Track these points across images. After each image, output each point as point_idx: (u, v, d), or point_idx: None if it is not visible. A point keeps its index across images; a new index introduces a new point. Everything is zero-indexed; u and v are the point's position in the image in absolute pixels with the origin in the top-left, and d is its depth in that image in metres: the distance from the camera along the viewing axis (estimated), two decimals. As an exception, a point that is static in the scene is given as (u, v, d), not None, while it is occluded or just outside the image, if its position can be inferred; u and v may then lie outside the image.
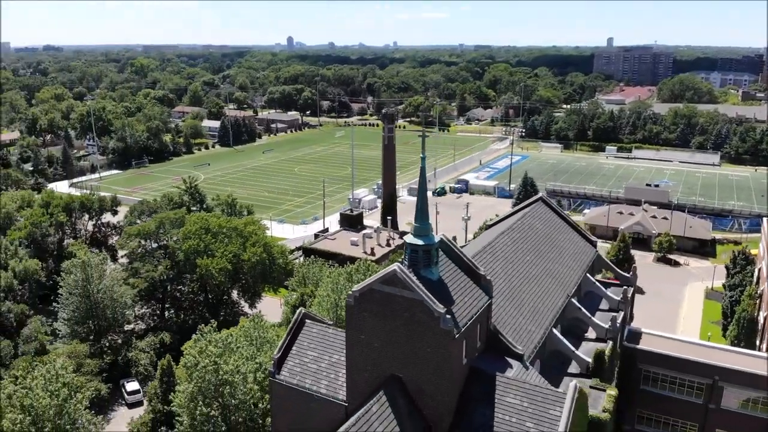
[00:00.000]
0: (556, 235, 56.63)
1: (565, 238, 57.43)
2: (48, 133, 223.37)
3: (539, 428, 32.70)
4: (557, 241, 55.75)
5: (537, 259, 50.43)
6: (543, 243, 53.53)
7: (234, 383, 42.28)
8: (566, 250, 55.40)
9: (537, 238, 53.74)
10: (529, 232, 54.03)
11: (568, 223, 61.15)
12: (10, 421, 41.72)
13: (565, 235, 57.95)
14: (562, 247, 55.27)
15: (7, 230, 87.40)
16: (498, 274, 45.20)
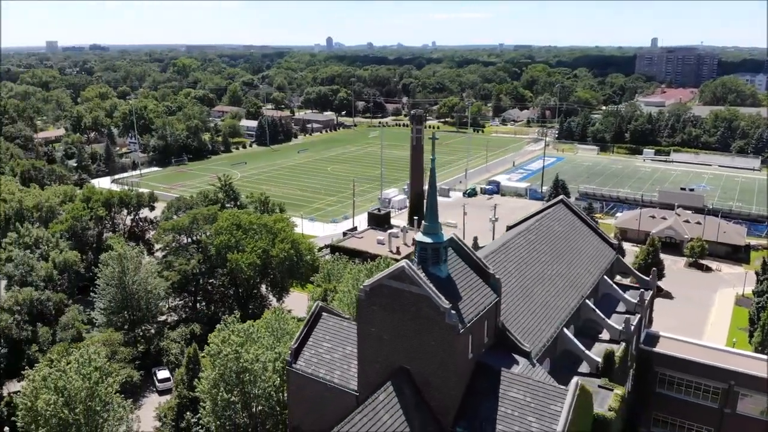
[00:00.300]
0: (574, 237, 57.20)
1: (584, 240, 57.95)
2: (92, 131, 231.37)
3: (540, 422, 33.81)
4: (575, 243, 56.34)
5: (552, 260, 51.21)
6: (559, 244, 54.24)
7: (254, 371, 44.45)
8: (584, 252, 55.97)
9: (554, 239, 54.47)
10: (546, 233, 54.80)
11: (588, 225, 61.58)
12: (44, 401, 44.68)
13: (584, 237, 58.46)
14: (580, 249, 55.86)
15: (50, 223, 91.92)
16: (511, 274, 46.29)
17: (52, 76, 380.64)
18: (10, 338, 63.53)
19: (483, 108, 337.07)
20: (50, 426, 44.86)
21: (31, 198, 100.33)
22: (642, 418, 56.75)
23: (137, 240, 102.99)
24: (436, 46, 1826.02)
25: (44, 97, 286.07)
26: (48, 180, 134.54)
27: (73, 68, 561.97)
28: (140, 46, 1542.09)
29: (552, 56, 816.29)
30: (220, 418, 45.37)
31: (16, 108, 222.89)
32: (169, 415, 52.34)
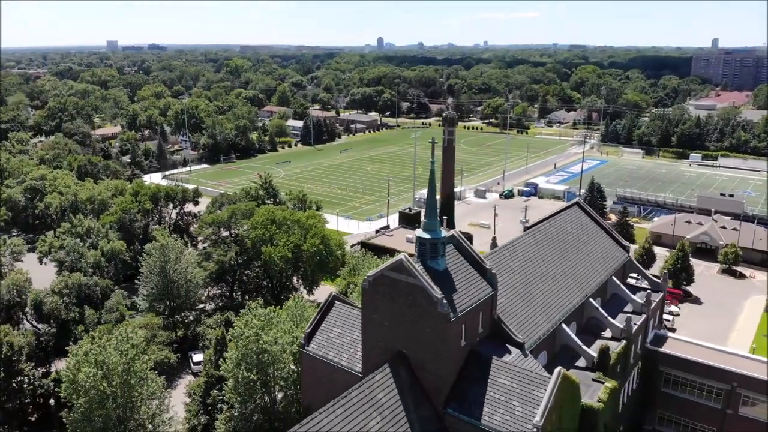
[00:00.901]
0: (585, 239, 59.17)
1: (594, 241, 59.84)
2: (146, 128, 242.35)
3: (524, 407, 36.59)
4: (584, 243, 58.33)
5: (558, 259, 53.49)
6: (569, 245, 56.39)
7: (273, 353, 48.50)
8: (593, 253, 57.92)
9: (563, 239, 56.65)
10: (556, 233, 57.03)
11: (602, 227, 63.33)
12: (85, 374, 49.77)
13: (595, 239, 60.33)
14: (589, 250, 57.83)
15: (101, 215, 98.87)
16: (514, 271, 48.96)
17: (111, 75, 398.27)
18: (59, 318, 69.77)
19: (528, 109, 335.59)
20: (89, 397, 49.96)
21: (85, 191, 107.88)
22: (647, 415, 58.40)
23: (181, 233, 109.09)
24: (488, 45, 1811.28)
25: (103, 96, 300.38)
26: (102, 175, 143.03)
27: (132, 67, 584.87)
28: (196, 45, 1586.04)
29: (606, 57, 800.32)
30: (242, 395, 49.66)
31: (76, 105, 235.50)
32: (197, 392, 57.11)
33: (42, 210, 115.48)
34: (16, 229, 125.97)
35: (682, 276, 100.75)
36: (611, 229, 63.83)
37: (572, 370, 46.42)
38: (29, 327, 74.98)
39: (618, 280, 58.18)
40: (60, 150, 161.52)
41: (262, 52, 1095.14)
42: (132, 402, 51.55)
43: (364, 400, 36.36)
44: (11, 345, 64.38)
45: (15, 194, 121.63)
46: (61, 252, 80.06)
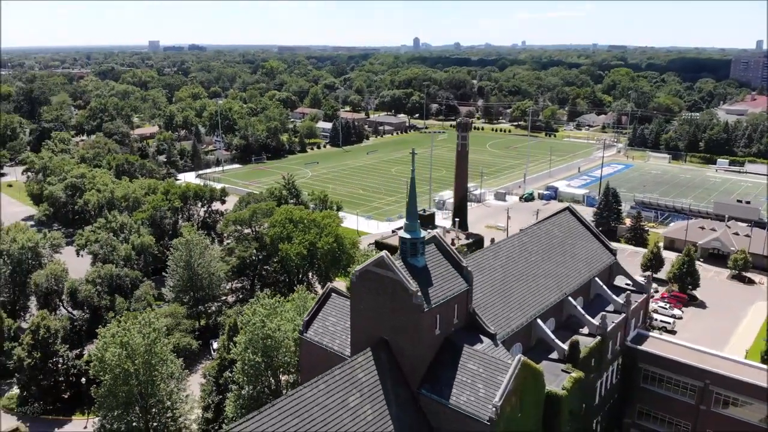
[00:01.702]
0: (572, 242, 63.17)
1: (581, 244, 63.78)
2: (182, 129, 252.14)
3: (487, 389, 41.22)
4: (570, 246, 62.34)
5: (540, 259, 57.75)
6: (553, 247, 60.52)
7: (276, 338, 54.09)
8: (578, 256, 61.91)
9: (548, 242, 60.80)
10: (543, 236, 61.22)
11: (591, 232, 67.16)
12: (111, 353, 56.14)
13: (582, 243, 64.26)
14: (574, 252, 61.84)
15: (134, 211, 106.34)
16: (495, 269, 53.53)
17: (150, 76, 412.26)
18: (91, 305, 76.86)
19: (558, 112, 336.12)
20: (115, 374, 56.35)
21: (121, 189, 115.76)
22: (628, 409, 62.14)
23: (209, 229, 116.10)
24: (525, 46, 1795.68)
25: (142, 96, 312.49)
26: (138, 174, 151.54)
27: (171, 68, 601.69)
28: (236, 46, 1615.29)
29: (645, 58, 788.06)
30: (249, 377, 55.37)
31: (116, 106, 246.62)
32: (211, 373, 63.13)
33: (81, 206, 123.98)
34: (57, 223, 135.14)
35: (687, 280, 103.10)
36: (599, 234, 67.56)
37: (545, 362, 50.89)
38: (65, 313, 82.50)
39: (601, 281, 61.96)
40: (100, 149, 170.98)
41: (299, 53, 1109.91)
42: (152, 380, 57.79)
43: (346, 378, 41.52)
44: (48, 328, 71.71)
45: (56, 191, 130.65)
46: (96, 245, 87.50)
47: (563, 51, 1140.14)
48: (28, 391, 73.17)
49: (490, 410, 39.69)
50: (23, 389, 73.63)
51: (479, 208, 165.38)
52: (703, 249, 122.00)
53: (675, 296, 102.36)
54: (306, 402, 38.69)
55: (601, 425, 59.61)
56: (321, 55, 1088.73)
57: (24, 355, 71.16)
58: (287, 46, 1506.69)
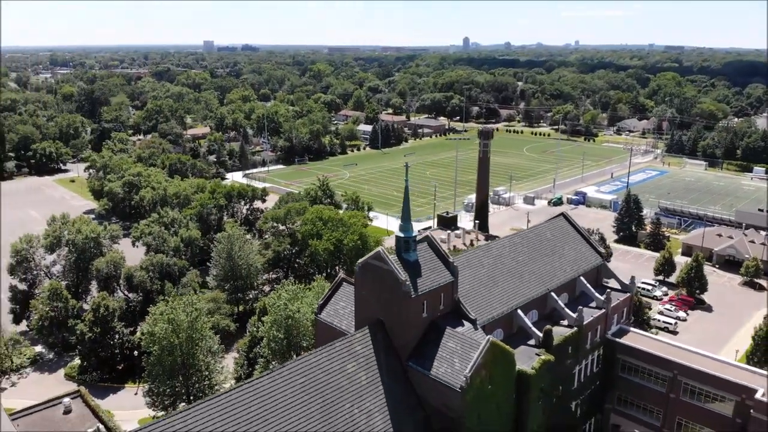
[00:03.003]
0: (562, 244, 70.61)
1: (570, 247, 71.13)
2: (232, 130, 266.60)
3: (461, 363, 49.60)
4: (560, 248, 69.83)
5: (528, 259, 65.55)
6: (542, 248, 68.17)
7: (296, 319, 63.77)
8: (566, 257, 69.37)
9: (538, 243, 68.48)
10: (534, 238, 68.96)
11: (583, 237, 74.33)
12: (159, 328, 66.78)
13: (572, 246, 71.59)
14: (562, 254, 69.31)
15: (184, 208, 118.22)
16: (484, 266, 61.76)
17: (204, 78, 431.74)
18: (144, 289, 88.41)
19: (598, 116, 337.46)
20: (162, 346, 66.99)
21: (173, 187, 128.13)
22: (608, 396, 69.22)
23: (250, 225, 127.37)
24: (578, 45, 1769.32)
25: (195, 98, 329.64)
26: (190, 173, 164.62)
27: (224, 69, 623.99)
28: (287, 46, 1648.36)
29: (701, 60, 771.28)
30: (273, 351, 65.21)
31: (171, 108, 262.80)
32: (242, 349, 73.37)
33: (137, 202, 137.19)
34: (115, 217, 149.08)
35: (695, 284, 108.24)
36: (590, 239, 74.62)
37: (522, 347, 58.88)
38: (121, 295, 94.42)
39: (586, 281, 69.21)
40: (155, 149, 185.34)
41: (348, 54, 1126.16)
42: (193, 352, 68.28)
43: (345, 349, 50.65)
44: (107, 308, 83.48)
45: (115, 187, 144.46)
46: (149, 237, 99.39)
47: (617, 52, 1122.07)
48: (88, 361, 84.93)
49: (462, 380, 48.12)
50: (84, 360, 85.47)
51: (507, 211, 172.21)
52: (719, 256, 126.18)
53: (682, 299, 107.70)
54: (311, 365, 48.01)
55: (582, 408, 66.91)
56: (369, 56, 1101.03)
57: (86, 330, 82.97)
58: (337, 47, 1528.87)
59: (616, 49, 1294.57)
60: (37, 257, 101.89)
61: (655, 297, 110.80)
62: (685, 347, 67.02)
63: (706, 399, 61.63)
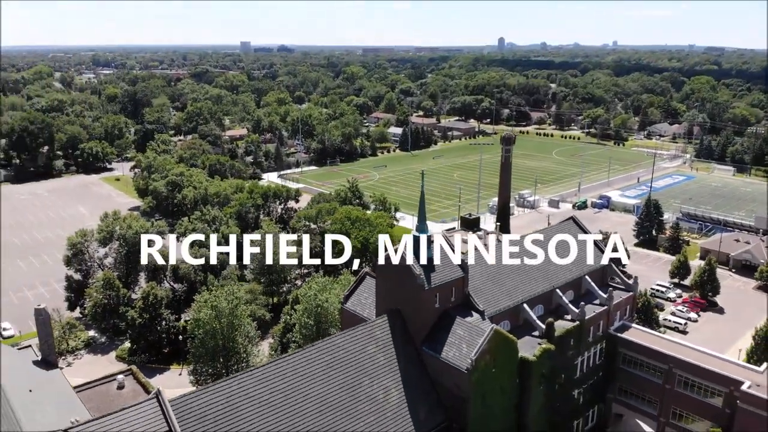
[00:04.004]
0: (570, 245, 76.47)
1: (579, 248, 76.93)
2: (267, 132, 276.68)
3: (468, 348, 56.31)
4: (567, 249, 75.75)
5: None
6: (550, 249, 74.21)
7: (325, 307, 71.22)
8: (572, 257, 75.26)
9: (547, 245, 74.51)
10: (542, 240, 75.02)
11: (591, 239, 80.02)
12: (204, 314, 74.97)
13: (580, 247, 77.35)
14: (570, 255, 75.21)
15: (224, 207, 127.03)
16: (494, 263, 68.20)
17: (241, 80, 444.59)
18: (189, 280, 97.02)
19: (629, 120, 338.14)
20: (205, 330, 75.11)
21: (213, 187, 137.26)
22: (610, 386, 74.88)
23: (284, 224, 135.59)
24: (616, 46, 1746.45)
25: (233, 100, 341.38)
26: (228, 173, 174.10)
27: (261, 70, 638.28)
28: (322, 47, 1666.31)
29: (741, 63, 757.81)
30: (304, 336, 72.77)
31: (210, 110, 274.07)
32: (276, 334, 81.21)
33: (179, 200, 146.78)
34: (158, 214, 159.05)
35: (707, 287, 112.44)
36: (597, 241, 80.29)
37: (527, 337, 65.14)
38: (167, 285, 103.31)
39: (591, 279, 75.02)
40: (195, 150, 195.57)
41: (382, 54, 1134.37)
42: (233, 336, 76.24)
43: (366, 333, 57.84)
44: (156, 296, 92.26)
45: (159, 186, 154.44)
46: (193, 233, 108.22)
47: (655, 53, 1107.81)
48: (137, 344, 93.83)
49: (468, 363, 54.81)
50: (133, 343, 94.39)
51: (531, 214, 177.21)
52: (735, 260, 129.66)
53: (694, 301, 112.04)
54: (337, 345, 55.36)
55: (585, 396, 72.76)
56: (403, 56, 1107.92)
57: (136, 316, 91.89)
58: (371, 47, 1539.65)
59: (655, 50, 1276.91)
60: (91, 250, 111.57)
61: (669, 299, 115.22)
62: (682, 343, 72.37)
63: (699, 390, 66.95)
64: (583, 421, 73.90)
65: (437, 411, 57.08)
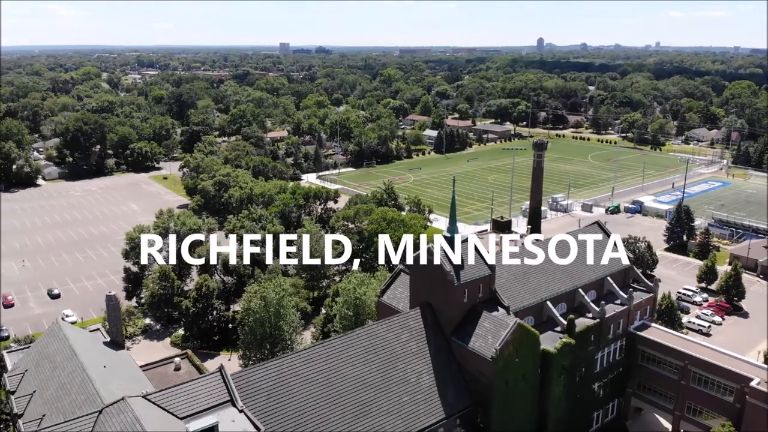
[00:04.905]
0: (595, 248, 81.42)
1: (601, 251, 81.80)
2: (307, 134, 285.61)
3: (494, 339, 62.13)
4: (592, 252, 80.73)
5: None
6: (574, 250, 79.33)
7: (363, 300, 77.89)
8: (597, 259, 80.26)
9: (572, 247, 79.63)
10: (567, 243, 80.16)
11: (614, 242, 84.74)
12: (254, 303, 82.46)
13: (602, 249, 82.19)
14: (595, 257, 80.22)
15: (269, 206, 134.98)
16: (519, 263, 73.81)
17: (281, 83, 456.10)
18: (238, 273, 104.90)
19: (667, 125, 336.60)
20: (255, 318, 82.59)
21: (258, 187, 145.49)
22: (629, 381, 79.64)
23: (323, 223, 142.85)
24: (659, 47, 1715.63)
25: (274, 103, 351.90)
26: (271, 174, 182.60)
27: (299, 72, 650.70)
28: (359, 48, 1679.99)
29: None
30: (344, 326, 79.58)
31: (253, 113, 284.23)
32: (319, 323, 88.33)
33: (226, 199, 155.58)
34: (206, 212, 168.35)
35: (732, 292, 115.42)
36: (619, 244, 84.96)
37: (550, 332, 70.63)
38: (218, 278, 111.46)
39: (612, 281, 79.88)
40: (240, 151, 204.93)
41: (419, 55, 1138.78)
42: (279, 325, 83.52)
43: (401, 323, 64.22)
44: (208, 287, 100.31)
45: (207, 186, 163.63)
46: (243, 230, 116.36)
47: (699, 54, 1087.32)
48: (190, 332, 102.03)
49: (493, 352, 60.68)
50: (187, 330, 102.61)
51: (564, 218, 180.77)
52: (763, 266, 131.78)
53: (719, 305, 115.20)
54: (374, 333, 61.92)
55: (605, 390, 77.71)
56: (440, 57, 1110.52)
57: (190, 305, 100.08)
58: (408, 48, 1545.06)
59: (698, 52, 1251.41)
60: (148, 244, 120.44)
61: (695, 302, 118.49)
62: (697, 342, 76.76)
63: (712, 386, 71.39)
64: (603, 413, 78.99)
65: (464, 395, 63.12)
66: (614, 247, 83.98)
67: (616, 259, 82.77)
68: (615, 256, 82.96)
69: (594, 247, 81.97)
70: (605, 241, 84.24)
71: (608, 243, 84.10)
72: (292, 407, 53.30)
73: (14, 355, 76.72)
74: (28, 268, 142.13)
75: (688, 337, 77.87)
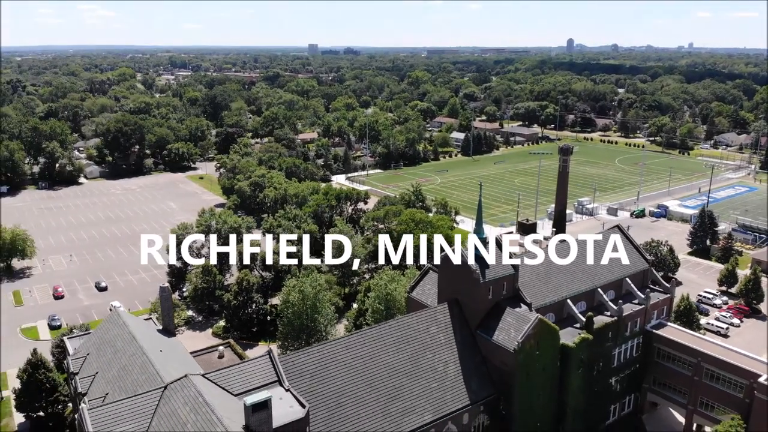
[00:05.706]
0: (612, 250, 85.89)
1: (621, 252, 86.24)
2: (336, 136, 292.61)
3: (516, 333, 67.35)
4: (611, 254, 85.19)
5: (580, 260, 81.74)
6: (595, 252, 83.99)
7: (393, 295, 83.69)
8: (615, 261, 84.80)
9: (593, 249, 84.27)
10: (591, 244, 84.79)
11: (633, 245, 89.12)
12: (292, 296, 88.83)
13: (622, 251, 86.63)
14: (613, 259, 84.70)
15: (302, 206, 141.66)
16: (542, 263, 78.85)
17: (311, 85, 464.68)
18: (275, 269, 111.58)
19: (696, 129, 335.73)
20: (293, 310, 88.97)
21: (292, 188, 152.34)
22: (646, 377, 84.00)
23: (354, 223, 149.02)
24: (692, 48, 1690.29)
25: (304, 105, 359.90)
26: (303, 175, 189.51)
27: (328, 73, 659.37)
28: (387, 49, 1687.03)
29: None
30: (375, 320, 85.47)
31: (285, 115, 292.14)
32: (351, 317, 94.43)
33: (261, 199, 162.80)
34: (242, 211, 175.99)
35: (752, 295, 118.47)
36: (639, 248, 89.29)
37: (569, 328, 75.47)
38: (258, 273, 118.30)
39: (631, 281, 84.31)
40: (273, 153, 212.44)
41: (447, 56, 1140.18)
42: (315, 317, 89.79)
43: (429, 316, 69.85)
44: (248, 281, 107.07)
45: (243, 186, 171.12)
46: (279, 229, 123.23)
47: (732, 57, 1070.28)
48: (231, 323, 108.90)
49: (515, 344, 65.92)
50: (228, 321, 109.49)
51: (589, 221, 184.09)
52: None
53: (738, 308, 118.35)
54: (404, 325, 67.66)
55: (622, 384, 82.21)
56: (468, 58, 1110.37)
57: (231, 298, 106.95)
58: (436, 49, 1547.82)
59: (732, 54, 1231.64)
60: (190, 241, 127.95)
61: (715, 305, 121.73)
62: (710, 340, 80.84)
63: (723, 382, 75.49)
64: (620, 407, 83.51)
65: (487, 384, 68.47)
66: (634, 250, 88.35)
67: (633, 261, 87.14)
68: (633, 259, 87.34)
69: (614, 250, 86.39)
70: (626, 244, 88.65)
71: (628, 246, 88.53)
72: (332, 388, 59.33)
73: (75, 340, 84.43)
74: (75, 262, 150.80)
75: (702, 336, 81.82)
